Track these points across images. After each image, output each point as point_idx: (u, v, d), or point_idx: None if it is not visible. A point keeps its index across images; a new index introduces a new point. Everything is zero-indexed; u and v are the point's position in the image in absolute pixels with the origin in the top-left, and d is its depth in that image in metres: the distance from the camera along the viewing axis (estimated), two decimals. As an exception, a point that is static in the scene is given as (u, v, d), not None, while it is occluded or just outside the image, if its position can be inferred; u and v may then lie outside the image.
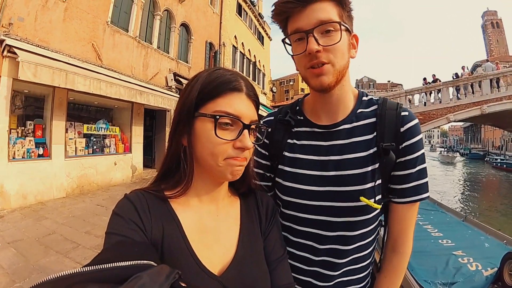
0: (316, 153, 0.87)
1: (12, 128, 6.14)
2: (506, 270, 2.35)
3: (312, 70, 0.77)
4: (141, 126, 10.26)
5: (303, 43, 0.75)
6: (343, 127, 0.86)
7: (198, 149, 0.66)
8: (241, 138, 0.64)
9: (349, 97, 0.88)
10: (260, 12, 23.93)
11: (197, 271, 0.62)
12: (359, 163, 0.82)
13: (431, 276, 2.54)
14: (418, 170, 0.83)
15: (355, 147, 0.84)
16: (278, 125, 0.94)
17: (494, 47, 73.23)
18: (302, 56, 0.77)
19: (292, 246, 0.90)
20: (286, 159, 0.91)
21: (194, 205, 0.70)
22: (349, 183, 0.82)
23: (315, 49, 0.73)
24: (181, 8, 12.39)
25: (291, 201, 0.89)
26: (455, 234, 3.68)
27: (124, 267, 0.44)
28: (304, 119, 0.93)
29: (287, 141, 0.92)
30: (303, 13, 0.74)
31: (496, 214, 12.40)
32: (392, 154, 0.81)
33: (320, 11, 0.73)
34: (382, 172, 0.83)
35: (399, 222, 0.88)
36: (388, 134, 0.82)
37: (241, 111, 0.64)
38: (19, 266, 3.56)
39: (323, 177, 0.85)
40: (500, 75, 14.26)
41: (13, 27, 5.92)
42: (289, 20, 0.78)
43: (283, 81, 49.95)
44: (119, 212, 0.62)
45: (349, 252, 0.86)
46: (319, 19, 0.73)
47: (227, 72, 0.68)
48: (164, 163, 0.72)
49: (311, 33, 0.73)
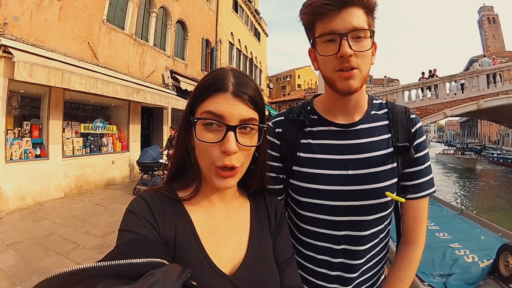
0: (335, 152, 0.87)
1: (8, 129, 6.10)
2: (502, 262, 2.38)
3: (341, 73, 0.78)
4: (139, 124, 10.23)
5: (334, 45, 0.76)
6: (360, 126, 0.89)
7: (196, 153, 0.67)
8: (223, 141, 0.61)
9: (364, 99, 0.91)
10: (256, 8, 23.82)
11: (209, 270, 0.62)
12: (380, 161, 0.86)
13: (428, 268, 2.58)
14: (426, 166, 0.91)
15: (374, 146, 0.87)
16: (290, 125, 0.93)
17: (490, 42, 73.41)
18: (332, 58, 0.77)
19: (311, 249, 0.91)
20: (302, 160, 0.89)
21: (205, 206, 0.71)
22: (371, 181, 0.84)
23: (348, 53, 0.74)
24: (177, 5, 12.32)
25: (309, 202, 0.88)
26: (451, 227, 3.73)
27: (137, 264, 0.44)
28: (319, 118, 0.92)
29: (301, 141, 0.91)
30: (338, 16, 0.75)
31: (493, 207, 12.51)
32: (412, 151, 0.87)
33: (354, 16, 0.75)
34: (398, 171, 0.87)
35: (412, 216, 0.92)
36: (402, 135, 0.88)
37: (224, 110, 0.62)
38: (19, 269, 3.55)
39: (344, 176, 0.85)
40: (497, 71, 14.31)
41: (8, 26, 5.86)
42: (321, 21, 0.78)
43: (280, 77, 49.92)
44: (133, 210, 0.62)
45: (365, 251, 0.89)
46: (353, 25, 0.74)
47: (218, 73, 0.66)
48: (172, 165, 0.73)
49: (346, 36, 0.74)
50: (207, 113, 0.62)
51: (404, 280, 0.89)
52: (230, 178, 0.64)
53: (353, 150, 0.87)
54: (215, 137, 0.62)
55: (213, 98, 0.63)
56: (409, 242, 0.93)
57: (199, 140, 0.62)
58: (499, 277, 2.39)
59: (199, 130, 0.63)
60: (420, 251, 0.92)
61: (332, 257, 0.88)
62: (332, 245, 0.88)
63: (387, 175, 0.85)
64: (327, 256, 0.89)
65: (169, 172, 0.74)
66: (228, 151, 0.61)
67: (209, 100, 0.63)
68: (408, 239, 0.93)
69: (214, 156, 0.62)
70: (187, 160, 0.69)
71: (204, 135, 0.62)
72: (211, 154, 0.62)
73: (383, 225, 0.91)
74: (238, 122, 0.63)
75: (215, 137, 0.62)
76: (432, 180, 0.92)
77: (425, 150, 0.91)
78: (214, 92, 0.63)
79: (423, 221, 0.92)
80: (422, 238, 0.92)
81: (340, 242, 0.87)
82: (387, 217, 0.90)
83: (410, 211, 0.92)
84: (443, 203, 5.25)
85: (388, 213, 0.90)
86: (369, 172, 0.85)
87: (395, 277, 0.90)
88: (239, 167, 0.65)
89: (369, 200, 0.85)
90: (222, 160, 0.62)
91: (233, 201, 0.76)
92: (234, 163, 0.63)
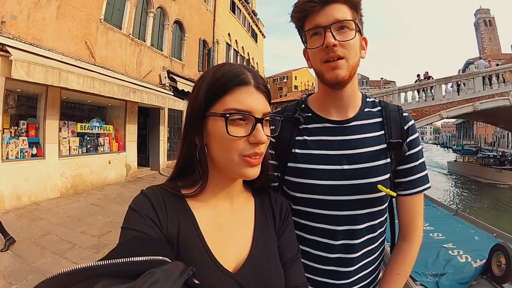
0: (330, 148, 0.90)
1: (5, 128, 6.08)
2: (494, 262, 2.40)
3: (328, 63, 0.82)
4: (135, 124, 10.22)
5: (319, 38, 0.82)
6: (354, 123, 0.92)
7: (213, 148, 0.66)
8: (254, 133, 0.62)
9: (357, 95, 0.95)
10: (254, 9, 23.86)
11: (212, 268, 0.62)
12: (373, 157, 0.88)
13: (421, 268, 2.58)
14: (420, 163, 0.93)
15: (368, 142, 0.90)
16: (284, 123, 0.95)
17: (486, 44, 73.77)
18: (319, 50, 0.82)
19: (307, 245, 0.91)
20: (298, 156, 0.91)
21: (210, 202, 0.70)
22: (366, 176, 0.87)
23: (332, 43, 0.79)
24: (175, 5, 12.32)
25: (306, 198, 0.89)
26: (446, 228, 3.73)
27: (138, 262, 0.44)
28: (314, 115, 0.95)
29: (296, 139, 0.93)
30: (321, 12, 0.81)
31: (488, 208, 12.52)
32: (405, 146, 0.90)
33: (337, 10, 0.80)
34: (391, 167, 0.90)
35: (408, 212, 0.95)
36: (395, 132, 0.91)
37: (251, 105, 0.63)
38: (15, 268, 3.55)
39: (339, 171, 0.88)
40: (493, 72, 14.41)
41: (5, 25, 5.85)
42: (308, 18, 0.84)
43: (277, 78, 50.00)
44: (135, 208, 0.61)
45: (361, 245, 0.90)
46: (336, 17, 0.80)
47: (233, 67, 0.66)
48: (177, 163, 0.72)
49: (329, 28, 0.79)
50: (235, 109, 0.62)
51: (400, 272, 0.91)
52: (255, 167, 0.66)
53: (347, 145, 0.89)
54: (244, 131, 0.63)
55: (236, 92, 0.63)
56: (406, 237, 0.95)
57: (231, 135, 0.61)
58: (492, 277, 2.40)
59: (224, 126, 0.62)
60: (417, 246, 0.94)
61: (329, 253, 0.89)
62: (330, 241, 0.89)
63: (380, 170, 0.88)
64: (323, 252, 0.90)
65: (174, 170, 0.73)
66: (260, 141, 0.63)
67: (231, 95, 0.63)
68: (405, 235, 0.95)
69: (243, 148, 0.63)
70: (195, 158, 0.68)
71: (233, 130, 0.62)
72: (240, 146, 0.63)
73: (378, 220, 0.92)
74: (261, 115, 0.64)
75: (244, 130, 0.63)
76: (427, 177, 0.95)
77: (418, 147, 0.93)
78: (236, 85, 0.63)
79: (419, 217, 0.95)
80: (418, 234, 0.95)
81: (338, 238, 0.88)
82: (382, 212, 0.93)
83: (406, 208, 0.94)
84: (438, 204, 5.28)
85: (383, 209, 0.93)
86: (363, 167, 0.87)
87: (392, 270, 0.93)
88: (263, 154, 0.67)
89: (363, 194, 0.87)
90: (252, 149, 0.63)
91: (239, 197, 0.75)
92: (263, 151, 0.66)
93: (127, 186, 8.50)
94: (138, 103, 9.58)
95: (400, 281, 0.91)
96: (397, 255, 0.95)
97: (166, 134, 11.98)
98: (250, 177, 0.66)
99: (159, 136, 11.54)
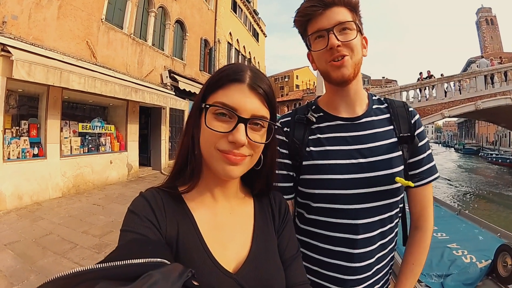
0: (343, 143, 0.93)
1: (6, 128, 6.08)
2: (500, 262, 2.38)
3: (333, 63, 0.86)
4: (137, 124, 10.22)
5: (323, 40, 0.86)
6: (365, 119, 0.96)
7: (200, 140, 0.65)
8: (233, 132, 0.60)
9: (363, 93, 0.99)
10: (255, 8, 23.84)
11: (212, 268, 0.61)
12: (387, 150, 0.92)
13: (426, 269, 2.56)
14: (428, 154, 0.98)
15: (379, 136, 0.93)
16: (297, 125, 0.99)
17: (488, 43, 73.55)
18: (323, 51, 0.86)
19: (329, 243, 0.92)
20: (312, 153, 0.93)
21: (208, 202, 0.69)
22: (383, 168, 0.89)
23: (336, 44, 0.83)
24: (176, 5, 12.32)
25: (323, 193, 0.90)
26: (449, 228, 3.71)
27: (136, 265, 0.43)
28: (325, 115, 0.98)
29: (309, 138, 0.96)
30: (323, 15, 0.85)
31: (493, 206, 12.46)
32: (416, 139, 0.95)
33: (338, 13, 0.85)
34: (403, 159, 0.93)
35: (420, 202, 0.99)
36: (404, 126, 0.96)
37: (239, 103, 0.61)
38: (17, 268, 3.54)
39: (355, 165, 0.90)
40: (495, 71, 14.35)
41: (6, 25, 5.84)
42: (310, 23, 0.89)
43: (278, 78, 49.96)
44: (134, 210, 0.61)
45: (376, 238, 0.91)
46: (338, 20, 0.84)
47: (237, 66, 0.66)
48: (177, 159, 0.71)
49: (332, 30, 0.84)
50: (220, 102, 0.62)
51: (415, 262, 0.96)
52: (235, 167, 0.63)
53: (360, 141, 0.92)
54: (225, 127, 0.61)
55: (228, 88, 0.63)
56: (418, 227, 0.99)
57: (208, 127, 0.61)
58: (497, 277, 2.38)
59: (209, 118, 0.62)
60: (429, 235, 0.99)
61: (353, 248, 0.89)
62: (351, 235, 0.89)
63: (394, 162, 0.90)
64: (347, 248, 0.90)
65: (173, 168, 0.71)
66: (237, 141, 0.60)
67: (223, 90, 0.63)
68: (417, 225, 0.99)
69: (219, 142, 0.61)
70: (190, 151, 0.66)
71: (214, 124, 0.61)
72: (216, 141, 0.61)
73: (394, 211, 0.95)
74: (250, 116, 0.62)
75: (226, 127, 0.61)
76: (435, 167, 0.99)
77: (425, 139, 0.98)
78: (230, 82, 0.63)
79: (430, 206, 0.99)
80: (430, 223, 0.99)
81: (359, 232, 0.89)
82: (397, 204, 0.95)
83: (418, 199, 0.98)
84: (442, 203, 5.25)
85: (399, 200, 0.95)
86: (377, 160, 0.90)
87: (407, 261, 0.97)
88: (248, 156, 0.64)
89: (381, 186, 0.89)
90: (229, 147, 0.61)
91: (237, 197, 0.75)
92: (243, 153, 0.62)
93: (128, 186, 8.49)
94: (140, 103, 9.58)
95: (416, 270, 0.95)
96: (411, 245, 0.99)
97: (168, 133, 11.97)
98: (230, 175, 0.63)
99: (161, 136, 11.54)
